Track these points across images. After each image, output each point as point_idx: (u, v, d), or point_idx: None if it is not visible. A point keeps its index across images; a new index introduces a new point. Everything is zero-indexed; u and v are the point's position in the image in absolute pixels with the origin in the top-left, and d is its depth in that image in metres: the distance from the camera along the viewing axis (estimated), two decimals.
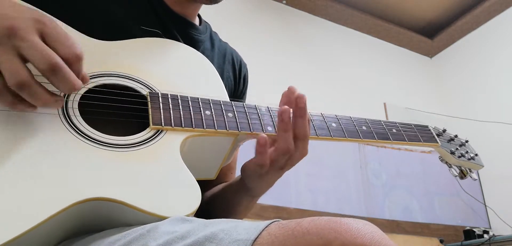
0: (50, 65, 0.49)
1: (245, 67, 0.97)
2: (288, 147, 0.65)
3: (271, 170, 0.67)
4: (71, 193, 0.49)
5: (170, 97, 0.64)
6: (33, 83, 0.50)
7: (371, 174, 3.24)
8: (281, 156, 0.65)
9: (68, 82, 0.51)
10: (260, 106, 0.71)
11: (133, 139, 0.58)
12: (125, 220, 0.52)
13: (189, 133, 0.62)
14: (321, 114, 0.75)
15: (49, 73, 0.50)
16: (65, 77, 0.50)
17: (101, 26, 0.70)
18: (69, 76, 0.51)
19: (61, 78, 0.50)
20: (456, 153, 0.86)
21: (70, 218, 0.50)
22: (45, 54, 0.49)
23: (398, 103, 3.69)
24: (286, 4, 3.54)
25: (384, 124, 0.81)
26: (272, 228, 0.40)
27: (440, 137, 0.88)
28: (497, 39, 3.72)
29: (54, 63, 0.49)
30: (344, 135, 0.74)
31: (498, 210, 3.36)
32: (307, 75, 3.33)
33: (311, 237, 0.38)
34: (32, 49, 0.49)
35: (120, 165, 0.54)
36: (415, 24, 3.91)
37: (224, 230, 0.41)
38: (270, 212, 2.63)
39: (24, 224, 0.45)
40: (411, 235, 3.15)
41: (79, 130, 0.56)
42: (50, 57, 0.49)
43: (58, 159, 0.51)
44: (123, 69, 0.65)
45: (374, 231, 0.39)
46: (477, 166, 0.89)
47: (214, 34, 0.92)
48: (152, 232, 0.46)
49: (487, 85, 3.69)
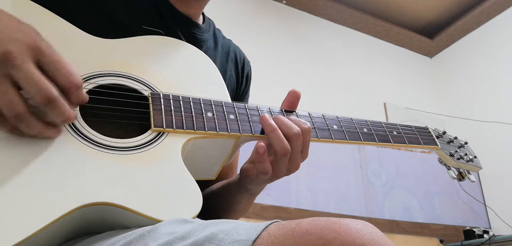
0: (46, 99, 0.48)
1: (249, 65, 0.96)
2: (283, 146, 0.65)
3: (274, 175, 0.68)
4: (73, 198, 0.49)
5: (172, 99, 0.64)
6: (29, 116, 0.49)
7: (371, 174, 3.24)
8: (279, 158, 0.66)
9: (63, 115, 0.50)
10: (261, 107, 0.71)
11: (134, 142, 0.58)
12: (126, 223, 0.52)
13: (190, 135, 0.62)
14: (322, 115, 0.75)
15: (44, 107, 0.49)
16: (60, 111, 0.50)
17: (103, 25, 0.69)
18: (64, 109, 0.50)
19: (56, 112, 0.50)
20: (455, 155, 0.87)
21: (71, 221, 0.50)
22: (41, 87, 0.48)
23: (398, 103, 3.68)
24: (286, 4, 3.54)
25: (385, 126, 0.81)
26: (271, 228, 0.41)
27: (440, 139, 0.88)
28: (497, 39, 3.71)
29: (50, 97, 0.48)
30: (345, 137, 0.74)
31: (498, 210, 3.36)
32: (307, 75, 3.33)
33: (311, 237, 0.38)
34: (29, 81, 0.47)
35: (122, 169, 0.54)
36: (415, 24, 3.91)
37: (224, 231, 0.41)
38: (270, 212, 2.63)
39: (27, 228, 0.45)
40: (411, 235, 3.15)
41: (81, 133, 0.55)
42: (46, 91, 0.48)
43: (59, 163, 0.51)
44: (124, 68, 0.65)
45: (374, 232, 0.39)
46: (476, 168, 0.90)
47: (217, 32, 0.91)
48: (152, 233, 0.46)
49: (487, 85, 3.68)
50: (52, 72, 0.50)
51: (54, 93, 0.49)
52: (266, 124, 0.67)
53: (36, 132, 0.50)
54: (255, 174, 0.68)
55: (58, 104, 0.49)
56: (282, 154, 0.65)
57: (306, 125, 0.68)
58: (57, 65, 0.50)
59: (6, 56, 0.46)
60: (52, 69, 0.50)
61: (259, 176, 0.68)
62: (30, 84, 0.47)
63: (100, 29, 0.67)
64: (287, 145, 0.65)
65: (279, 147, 0.65)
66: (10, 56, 0.46)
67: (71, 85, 0.51)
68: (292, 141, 0.66)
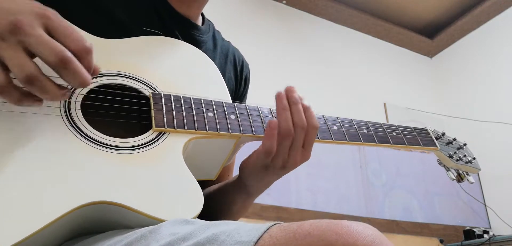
0: (61, 59, 0.48)
1: (247, 67, 0.96)
2: (289, 127, 0.65)
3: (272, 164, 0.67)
4: (74, 197, 0.49)
5: (173, 99, 0.64)
6: (42, 76, 0.49)
7: (371, 174, 3.24)
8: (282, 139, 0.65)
9: (79, 76, 0.50)
10: (262, 107, 0.71)
11: (135, 141, 0.58)
12: (127, 222, 0.52)
13: (191, 135, 0.62)
14: (322, 116, 0.76)
15: (59, 67, 0.48)
16: (76, 71, 0.49)
17: (102, 25, 0.69)
18: (80, 69, 0.50)
19: (71, 72, 0.49)
20: (455, 156, 0.87)
21: (73, 220, 0.50)
22: (54, 48, 0.48)
23: (398, 103, 3.69)
24: (286, 4, 3.54)
25: (385, 127, 0.81)
26: (273, 230, 0.41)
27: (439, 140, 0.88)
28: (497, 39, 3.72)
29: (65, 56, 0.48)
30: (345, 138, 0.75)
31: (498, 210, 3.36)
32: (307, 75, 3.33)
33: (313, 239, 0.38)
34: (41, 44, 0.47)
35: (123, 168, 0.54)
36: (415, 24, 3.91)
37: (225, 232, 0.42)
38: (270, 212, 2.63)
39: (27, 228, 0.45)
40: (411, 235, 3.15)
41: (82, 132, 0.56)
42: (60, 51, 0.48)
43: (60, 162, 0.51)
44: (125, 68, 0.65)
45: (375, 234, 0.39)
46: (475, 170, 0.90)
47: (216, 33, 0.91)
48: (154, 233, 0.46)
49: (487, 85, 3.68)
50: (63, 37, 0.50)
51: (68, 53, 0.49)
52: (280, 102, 0.67)
53: (50, 95, 0.50)
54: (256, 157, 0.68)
55: (73, 64, 0.49)
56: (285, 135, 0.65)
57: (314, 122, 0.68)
58: (66, 31, 0.50)
59: (16, 25, 0.47)
60: (62, 34, 0.50)
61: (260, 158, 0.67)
62: (43, 46, 0.47)
63: (99, 29, 0.67)
64: (292, 129, 0.66)
65: (285, 126, 0.65)
66: (20, 24, 0.47)
67: (82, 48, 0.51)
68: (297, 129, 0.66)
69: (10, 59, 0.47)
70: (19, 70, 0.47)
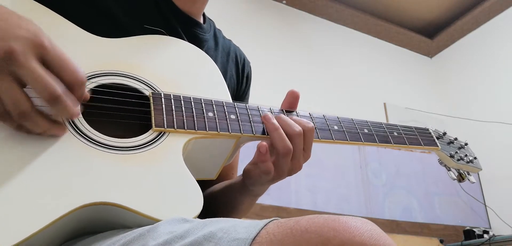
0: (52, 96, 0.48)
1: (249, 65, 0.96)
2: (285, 145, 0.65)
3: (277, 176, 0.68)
4: (74, 197, 0.49)
5: (173, 98, 0.64)
6: (34, 113, 0.49)
7: (371, 174, 3.24)
8: (282, 158, 0.66)
9: (67, 112, 0.51)
10: (262, 107, 0.71)
11: (135, 142, 0.58)
12: (127, 222, 0.52)
13: (191, 135, 0.62)
14: (323, 116, 0.75)
15: (49, 103, 0.49)
16: (65, 108, 0.50)
17: (103, 24, 0.69)
18: (68, 107, 0.50)
19: (61, 108, 0.50)
20: (456, 156, 0.87)
21: (72, 221, 0.50)
22: (46, 85, 0.48)
23: (398, 103, 3.69)
24: (286, 4, 3.54)
25: (386, 127, 0.81)
26: (270, 226, 0.40)
27: (440, 140, 0.88)
28: (497, 39, 3.72)
29: (55, 95, 0.48)
30: (345, 138, 0.74)
31: (498, 210, 3.36)
32: (307, 75, 3.33)
33: (310, 235, 0.38)
34: (33, 79, 0.47)
35: (123, 169, 0.54)
36: (415, 24, 3.91)
37: (223, 229, 0.41)
38: (270, 212, 2.63)
39: (27, 228, 0.45)
40: (411, 235, 3.15)
41: (82, 132, 0.55)
42: (51, 90, 0.48)
43: (60, 162, 0.51)
44: (125, 68, 0.64)
45: (373, 229, 0.39)
46: (476, 169, 0.90)
47: (218, 32, 0.91)
48: (151, 232, 0.46)
49: (487, 85, 3.68)
50: (57, 69, 0.50)
51: (59, 91, 0.49)
52: (268, 123, 0.67)
53: (41, 129, 0.51)
54: (258, 174, 0.68)
55: (63, 101, 0.49)
56: (284, 154, 0.65)
57: (309, 124, 0.68)
58: (61, 62, 0.50)
59: (10, 54, 0.46)
60: (56, 65, 0.50)
61: (262, 176, 0.68)
62: (35, 81, 0.47)
63: (101, 28, 0.66)
64: (289, 144, 0.65)
65: (281, 146, 0.65)
66: (14, 54, 0.46)
67: (76, 81, 0.51)
68: (294, 140, 0.66)
69: (4, 92, 0.47)
70: (13, 107, 0.48)
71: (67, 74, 0.50)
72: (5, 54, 0.46)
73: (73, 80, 0.51)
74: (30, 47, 0.48)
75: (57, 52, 0.50)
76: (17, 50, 0.46)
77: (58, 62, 0.50)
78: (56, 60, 0.50)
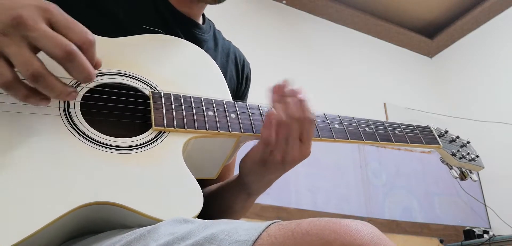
0: (66, 52, 0.48)
1: (248, 66, 0.96)
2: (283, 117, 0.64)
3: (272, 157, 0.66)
4: (74, 197, 0.48)
5: (173, 98, 0.63)
6: (47, 73, 0.49)
7: (371, 174, 3.24)
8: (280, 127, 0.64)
9: (84, 70, 0.50)
10: (262, 106, 0.71)
11: (135, 141, 0.58)
12: (127, 222, 0.52)
13: (191, 134, 0.62)
14: (323, 115, 0.75)
15: (65, 61, 0.49)
16: (81, 64, 0.50)
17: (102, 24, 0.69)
18: (85, 63, 0.50)
19: (77, 65, 0.49)
20: (458, 154, 0.86)
21: (73, 220, 0.50)
22: (58, 41, 0.48)
23: (398, 103, 3.69)
24: (286, 4, 3.54)
25: (387, 125, 0.80)
26: (272, 229, 0.40)
27: (442, 138, 0.88)
28: (497, 39, 3.72)
29: (70, 50, 0.48)
30: (346, 137, 0.74)
31: (498, 210, 3.36)
32: (307, 75, 3.33)
33: (311, 238, 0.38)
34: (45, 38, 0.47)
35: (123, 168, 0.54)
36: (415, 24, 3.91)
37: (224, 231, 0.41)
38: (270, 212, 2.63)
39: (27, 228, 0.45)
40: (411, 235, 3.15)
41: (81, 132, 0.55)
42: (64, 44, 0.48)
43: (60, 162, 0.51)
44: (125, 67, 0.64)
45: (373, 232, 0.39)
46: (478, 168, 0.89)
47: (217, 33, 0.91)
48: (152, 232, 0.46)
49: (487, 85, 3.69)
50: (65, 31, 0.50)
51: (73, 46, 0.49)
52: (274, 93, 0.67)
53: (56, 91, 0.50)
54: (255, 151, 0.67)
55: (78, 57, 0.49)
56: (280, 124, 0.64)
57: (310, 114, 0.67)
58: (69, 24, 0.50)
59: (19, 20, 0.47)
60: (65, 27, 0.50)
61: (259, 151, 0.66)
62: (47, 40, 0.48)
63: (100, 28, 0.66)
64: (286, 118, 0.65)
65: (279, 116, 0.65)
66: (22, 19, 0.47)
67: (85, 40, 0.51)
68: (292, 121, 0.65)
69: (15, 56, 0.47)
70: (25, 68, 0.47)
71: (76, 35, 0.50)
72: (13, 20, 0.47)
73: (83, 39, 0.50)
74: (38, 11, 0.48)
75: (64, 15, 0.51)
76: (24, 15, 0.47)
77: (66, 24, 0.50)
78: (63, 22, 0.50)
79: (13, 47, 0.47)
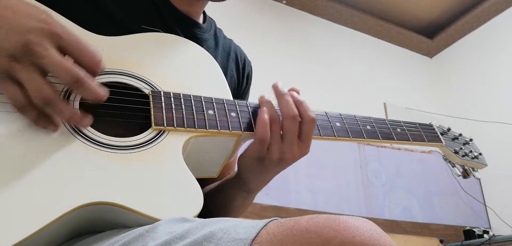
0: (74, 79, 0.49)
1: (249, 65, 0.96)
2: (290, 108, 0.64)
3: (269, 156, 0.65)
4: (74, 197, 0.48)
5: (173, 97, 0.63)
6: (58, 99, 0.50)
7: (371, 174, 3.24)
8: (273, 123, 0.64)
9: (92, 93, 0.51)
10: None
11: (135, 140, 0.57)
12: (127, 222, 0.52)
13: (191, 134, 0.61)
14: (325, 113, 0.75)
15: (74, 86, 0.50)
16: (90, 88, 0.51)
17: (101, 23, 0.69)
18: (93, 87, 0.51)
19: (85, 90, 0.51)
20: (460, 152, 0.86)
21: (72, 221, 0.50)
22: (67, 69, 0.49)
23: (398, 103, 3.69)
24: (286, 4, 3.54)
25: (389, 123, 0.80)
26: (270, 226, 0.40)
27: (444, 136, 0.87)
28: (497, 39, 3.72)
29: (78, 77, 0.49)
30: (348, 135, 0.73)
31: (498, 210, 3.36)
32: (307, 75, 3.33)
33: (310, 235, 0.38)
34: (53, 66, 0.48)
35: (123, 168, 0.54)
36: (415, 24, 3.91)
37: (222, 229, 0.41)
38: (270, 212, 2.63)
39: (27, 228, 0.44)
40: (411, 235, 3.15)
41: (81, 132, 0.55)
42: (74, 73, 0.49)
43: (59, 162, 0.51)
44: (124, 66, 0.64)
45: (373, 229, 0.39)
46: (481, 165, 0.89)
47: (218, 31, 0.91)
48: (151, 232, 0.46)
49: (487, 85, 3.69)
50: (76, 55, 0.51)
51: (82, 73, 0.50)
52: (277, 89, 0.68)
53: (66, 115, 0.51)
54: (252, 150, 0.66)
55: (88, 83, 0.51)
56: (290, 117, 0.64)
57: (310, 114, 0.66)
58: (78, 47, 0.51)
59: (28, 47, 0.47)
60: (74, 51, 0.51)
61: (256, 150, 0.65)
62: (56, 67, 0.48)
63: (99, 27, 0.66)
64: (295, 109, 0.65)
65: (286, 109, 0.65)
66: (32, 46, 0.47)
67: (95, 64, 0.52)
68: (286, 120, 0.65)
69: (27, 81, 0.48)
70: (36, 94, 0.48)
71: (85, 58, 0.51)
72: (23, 48, 0.47)
73: (91, 63, 0.52)
74: (46, 36, 0.49)
75: (72, 38, 0.51)
76: (33, 41, 0.47)
77: (76, 47, 0.51)
78: (72, 45, 0.51)
79: (24, 73, 0.48)
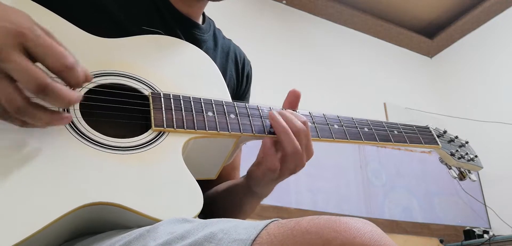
0: (38, 86, 0.45)
1: (249, 65, 0.96)
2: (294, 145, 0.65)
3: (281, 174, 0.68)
4: (74, 197, 0.49)
5: (172, 98, 0.63)
6: (31, 108, 0.47)
7: (371, 174, 3.24)
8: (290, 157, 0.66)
9: (62, 99, 0.48)
10: (262, 107, 0.71)
11: (135, 141, 0.58)
12: (127, 223, 0.52)
13: (191, 135, 0.62)
14: (323, 115, 0.75)
15: (39, 95, 0.46)
16: (58, 95, 0.47)
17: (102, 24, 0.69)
18: (62, 92, 0.47)
19: (53, 97, 0.47)
20: (456, 154, 0.86)
21: (72, 221, 0.50)
22: (31, 75, 0.45)
23: (398, 103, 3.69)
24: (286, 4, 3.54)
25: (386, 125, 0.81)
26: (271, 227, 0.40)
27: (441, 138, 0.88)
28: (497, 39, 3.72)
29: (43, 83, 0.45)
30: (346, 137, 0.74)
31: (498, 210, 3.36)
32: (307, 75, 3.33)
33: (311, 236, 0.38)
34: (18, 72, 0.45)
35: (122, 169, 0.54)
36: (415, 24, 3.91)
37: (223, 230, 0.41)
38: (270, 212, 2.63)
39: (27, 228, 0.45)
40: (411, 235, 3.15)
41: (81, 132, 0.55)
42: (37, 79, 0.45)
43: (60, 163, 0.51)
44: (124, 68, 0.64)
45: (374, 230, 0.39)
46: (477, 167, 0.89)
47: (217, 32, 0.91)
48: (151, 232, 0.46)
49: (487, 85, 3.69)
50: (41, 57, 0.47)
51: (45, 80, 0.46)
52: (277, 124, 0.66)
53: (43, 122, 0.49)
54: (262, 173, 0.68)
55: (53, 89, 0.46)
56: (293, 153, 0.65)
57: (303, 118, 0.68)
58: (44, 49, 0.47)
59: None
60: (40, 53, 0.47)
61: (266, 175, 0.67)
62: (19, 74, 0.45)
63: (99, 29, 0.66)
64: (298, 144, 0.66)
65: (291, 147, 0.65)
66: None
67: (62, 67, 0.48)
68: (299, 136, 0.66)
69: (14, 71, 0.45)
70: (8, 104, 0.46)
71: (50, 60, 0.47)
72: None
73: (58, 66, 0.47)
74: (10, 38, 0.45)
75: (39, 40, 0.47)
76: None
77: (41, 49, 0.47)
78: (39, 47, 0.46)
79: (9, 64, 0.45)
